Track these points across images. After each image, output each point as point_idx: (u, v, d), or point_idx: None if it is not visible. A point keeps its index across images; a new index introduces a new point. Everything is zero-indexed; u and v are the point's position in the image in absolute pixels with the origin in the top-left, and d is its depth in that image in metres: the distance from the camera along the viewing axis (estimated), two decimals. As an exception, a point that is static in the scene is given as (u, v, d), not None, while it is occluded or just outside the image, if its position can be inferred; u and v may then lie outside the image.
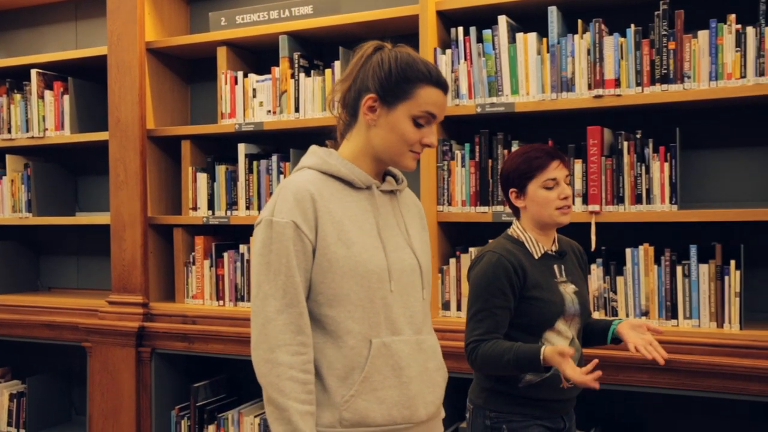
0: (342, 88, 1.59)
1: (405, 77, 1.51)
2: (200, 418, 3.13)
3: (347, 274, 1.49)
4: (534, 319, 1.92)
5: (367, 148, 1.56)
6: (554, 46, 2.57)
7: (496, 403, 1.96)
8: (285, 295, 1.46)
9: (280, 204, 1.50)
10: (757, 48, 2.32)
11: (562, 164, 1.98)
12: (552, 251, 2.00)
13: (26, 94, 3.60)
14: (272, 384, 1.44)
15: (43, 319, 3.36)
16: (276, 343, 1.44)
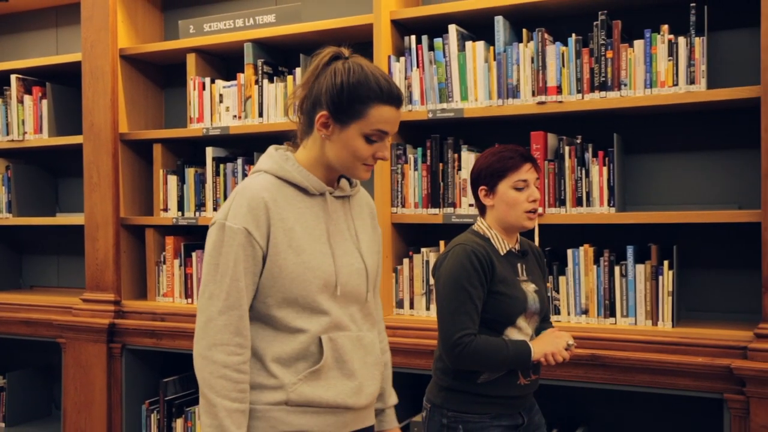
0: (300, 94, 1.62)
1: (357, 97, 1.54)
2: (169, 411, 3.24)
3: (296, 279, 1.55)
4: (498, 315, 1.93)
5: (321, 158, 1.60)
6: (500, 54, 2.67)
7: (453, 402, 1.97)
8: (228, 297, 1.52)
9: (234, 209, 1.54)
10: (688, 57, 2.42)
11: (533, 168, 1.99)
12: (515, 250, 2.03)
13: (6, 99, 3.72)
14: (205, 380, 1.51)
15: (21, 316, 3.49)
16: (214, 341, 1.51)
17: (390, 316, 2.79)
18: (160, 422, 3.26)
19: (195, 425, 3.19)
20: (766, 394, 2.16)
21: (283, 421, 1.56)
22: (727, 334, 2.32)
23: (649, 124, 2.67)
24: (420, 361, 2.65)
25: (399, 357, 2.62)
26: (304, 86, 1.61)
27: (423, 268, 2.80)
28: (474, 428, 1.94)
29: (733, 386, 2.22)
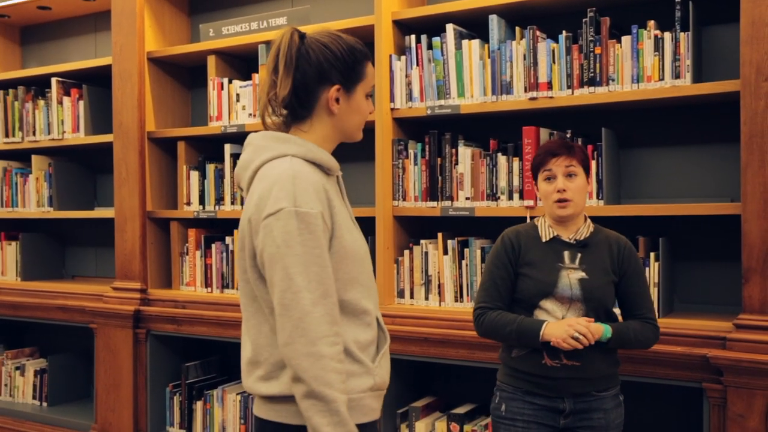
0: (288, 83, 1.53)
1: (355, 59, 1.57)
2: (190, 394, 3.44)
3: (356, 258, 1.55)
4: (522, 295, 2.09)
5: (331, 134, 1.59)
6: (495, 51, 2.75)
7: (499, 372, 2.18)
8: (319, 286, 1.44)
9: (302, 194, 1.46)
10: (673, 52, 2.45)
11: (564, 158, 2.08)
12: (570, 239, 2.11)
13: (48, 100, 3.99)
14: (319, 378, 1.41)
15: (58, 303, 3.75)
16: (316, 335, 1.42)
17: (391, 305, 2.91)
18: (182, 404, 3.46)
19: (213, 408, 3.38)
20: (742, 383, 2.19)
21: (371, 407, 1.57)
22: (708, 324, 2.35)
23: (639, 118, 2.71)
24: (417, 348, 2.76)
25: (398, 344, 2.74)
26: (285, 77, 1.53)
27: (422, 259, 2.90)
28: (506, 397, 2.11)
29: (711, 375, 2.26)
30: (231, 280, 3.37)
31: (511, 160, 2.73)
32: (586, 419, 2.05)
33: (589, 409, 2.05)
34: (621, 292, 2.13)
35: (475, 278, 2.79)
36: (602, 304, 2.07)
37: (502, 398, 2.12)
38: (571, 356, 2.02)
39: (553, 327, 1.99)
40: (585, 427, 2.05)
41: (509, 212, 2.71)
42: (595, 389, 2.06)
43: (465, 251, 2.82)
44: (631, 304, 2.13)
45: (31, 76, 4.06)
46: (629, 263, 2.13)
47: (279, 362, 1.52)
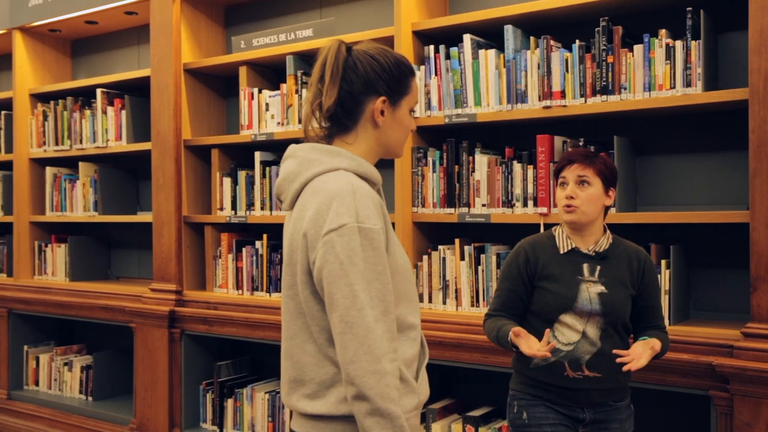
0: (334, 93, 1.53)
1: (402, 73, 1.57)
2: (221, 392, 3.58)
3: (406, 273, 1.56)
4: (541, 307, 2.08)
5: (375, 147, 1.59)
6: (510, 61, 2.80)
7: (515, 382, 2.17)
8: (381, 303, 1.44)
9: (363, 210, 1.46)
10: (684, 60, 2.46)
11: (578, 166, 2.08)
12: (588, 251, 2.09)
13: (93, 110, 4.19)
14: (384, 395, 1.41)
15: (101, 303, 3.94)
16: (380, 352, 1.42)
17: (410, 309, 2.97)
18: (214, 401, 3.60)
19: (243, 405, 3.51)
20: (749, 392, 2.19)
21: (415, 426, 1.56)
22: (716, 332, 2.35)
23: (651, 126, 2.71)
24: (433, 352, 2.82)
25: (414, 347, 2.80)
26: (331, 88, 1.53)
27: (440, 264, 2.96)
28: (526, 405, 2.11)
29: (718, 384, 2.26)
30: (261, 283, 3.50)
31: (526, 168, 2.77)
32: (604, 429, 2.07)
33: (606, 419, 2.07)
34: (638, 305, 2.12)
35: (491, 283, 2.84)
36: (620, 318, 2.07)
37: (522, 407, 2.11)
38: (593, 368, 2.03)
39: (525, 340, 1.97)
40: None
41: (524, 219, 2.75)
42: (612, 399, 2.08)
43: (481, 257, 2.87)
44: (648, 316, 2.13)
45: (79, 87, 4.28)
46: (649, 277, 2.12)
47: (325, 381, 1.50)
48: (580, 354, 2.02)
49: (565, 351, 2.03)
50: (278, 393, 3.43)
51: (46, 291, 4.27)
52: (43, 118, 4.44)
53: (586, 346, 2.03)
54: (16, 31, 4.49)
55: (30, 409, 4.31)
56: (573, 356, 2.02)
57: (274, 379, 3.61)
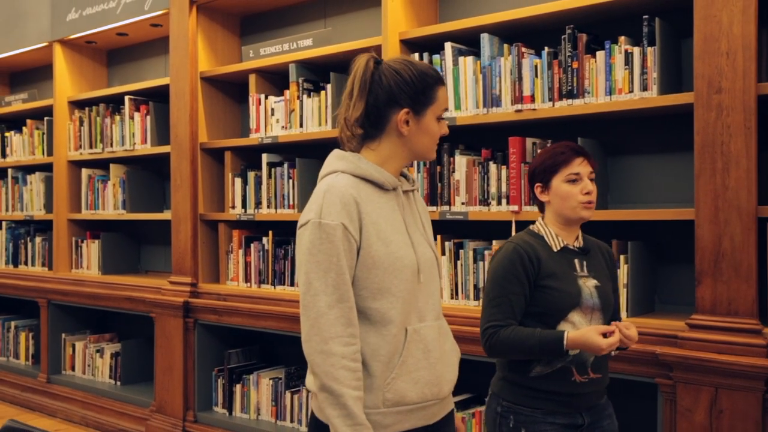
0: (360, 105, 1.67)
1: (426, 84, 1.66)
2: (231, 378, 3.84)
3: (388, 269, 1.62)
4: (547, 308, 1.94)
5: (397, 153, 1.69)
6: (486, 67, 2.96)
7: (508, 392, 2.00)
8: (335, 291, 1.57)
9: (327, 207, 1.60)
10: (641, 66, 2.59)
11: (586, 161, 2.01)
12: (574, 246, 2.03)
13: (122, 116, 4.52)
14: (328, 373, 1.55)
15: (125, 294, 4.26)
16: (329, 335, 1.56)
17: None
18: (224, 387, 3.86)
19: (250, 391, 3.76)
20: (690, 379, 2.31)
21: (382, 423, 1.62)
22: (666, 324, 2.48)
23: (613, 129, 2.84)
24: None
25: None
26: (359, 100, 1.67)
27: (424, 259, 3.14)
28: (525, 420, 1.96)
29: (663, 372, 2.39)
30: (267, 277, 3.74)
31: (500, 168, 2.93)
32: (599, 428, 2.01)
33: (599, 419, 2.02)
34: None
35: (469, 277, 3.01)
36: (612, 310, 2.05)
37: (520, 422, 1.96)
38: (597, 369, 1.98)
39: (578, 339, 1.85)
40: None
41: (498, 216, 2.91)
42: (601, 398, 2.04)
43: (460, 252, 3.04)
44: (617, 307, 2.12)
45: (110, 95, 4.61)
46: (614, 269, 2.13)
47: None
48: (585, 357, 1.95)
49: (572, 356, 1.92)
50: (281, 379, 3.67)
51: (81, 283, 4.62)
52: (80, 123, 4.80)
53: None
54: (56, 44, 4.87)
55: (66, 392, 4.67)
56: (579, 360, 1.94)
57: (281, 366, 3.85)
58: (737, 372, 2.22)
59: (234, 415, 3.83)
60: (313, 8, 3.93)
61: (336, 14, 3.83)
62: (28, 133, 5.25)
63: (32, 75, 5.70)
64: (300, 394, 3.59)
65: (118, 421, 4.30)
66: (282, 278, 3.69)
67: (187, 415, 3.92)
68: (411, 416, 1.65)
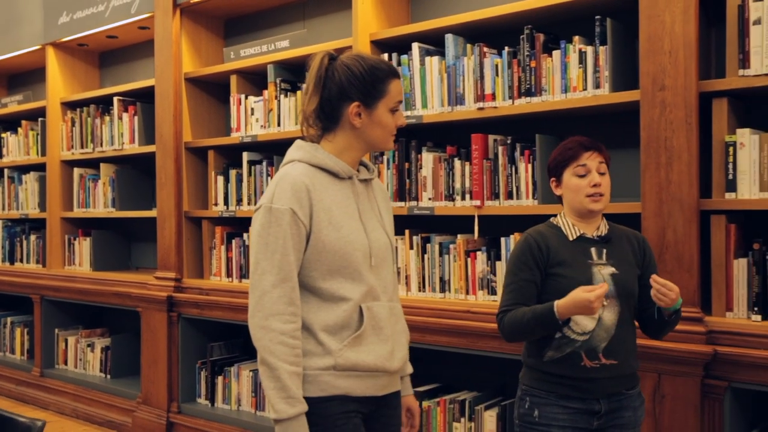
0: (315, 99, 1.78)
1: (377, 78, 1.75)
2: (213, 370, 3.95)
3: (339, 252, 1.73)
4: (557, 295, 1.94)
5: (353, 144, 1.79)
6: (450, 67, 3.06)
7: (527, 377, 2.07)
8: (280, 272, 1.69)
9: (278, 193, 1.71)
10: (594, 64, 2.68)
11: (595, 154, 2.03)
12: (593, 236, 2.05)
13: (112, 116, 4.64)
14: (266, 347, 1.66)
15: (113, 289, 4.38)
16: (270, 312, 1.67)
17: (368, 294, 3.27)
18: (207, 378, 3.98)
19: (231, 382, 3.87)
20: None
21: (332, 384, 1.73)
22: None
23: (570, 125, 2.93)
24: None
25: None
26: (314, 95, 1.78)
27: (393, 253, 3.24)
28: (539, 403, 2.01)
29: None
30: (247, 271, 3.85)
31: (464, 164, 3.02)
32: (618, 418, 2.00)
33: (620, 408, 2.00)
34: (641, 284, 2.07)
35: (435, 270, 3.11)
36: (633, 297, 2.05)
37: (534, 403, 2.02)
38: (609, 355, 1.98)
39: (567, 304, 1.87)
40: (615, 426, 2.01)
41: (462, 211, 3.01)
42: (625, 387, 2.02)
43: (427, 246, 3.14)
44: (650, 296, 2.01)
45: (100, 96, 4.74)
46: (650, 257, 2.12)
47: None
48: (596, 342, 1.96)
49: (581, 341, 1.95)
50: (260, 371, 3.78)
51: (72, 279, 4.74)
52: (72, 124, 4.93)
53: (602, 334, 1.97)
54: (48, 47, 5.00)
55: (58, 385, 4.79)
56: (589, 345, 1.96)
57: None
58: (679, 358, 2.30)
59: (216, 406, 3.95)
60: (292, 10, 4.03)
61: (314, 16, 3.93)
62: (23, 133, 5.39)
63: (28, 77, 5.84)
64: (278, 385, 3.69)
65: (106, 413, 4.42)
66: (261, 273, 3.79)
67: (171, 406, 4.03)
68: (362, 383, 1.76)
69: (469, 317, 2.88)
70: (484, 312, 2.84)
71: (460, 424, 2.97)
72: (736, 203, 2.37)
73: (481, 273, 2.99)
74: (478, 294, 2.98)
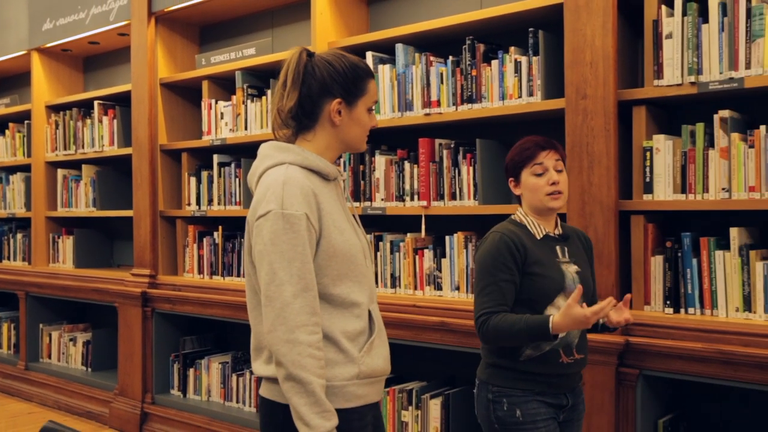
0: (294, 95, 1.70)
1: (358, 76, 1.71)
2: (185, 363, 4.13)
3: (345, 256, 1.67)
4: (535, 294, 1.99)
5: (331, 144, 1.74)
6: (400, 75, 3.24)
7: (498, 378, 2.05)
8: (300, 281, 1.59)
9: (289, 198, 1.61)
10: (528, 74, 2.85)
11: (552, 152, 2.07)
12: (554, 234, 2.10)
13: (93, 120, 4.83)
14: (295, 362, 1.56)
15: (92, 285, 4.57)
16: (295, 324, 1.58)
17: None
18: (179, 371, 4.16)
19: (202, 374, 4.06)
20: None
21: (356, 394, 1.68)
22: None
23: (507, 130, 3.10)
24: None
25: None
26: (292, 91, 1.70)
27: (349, 251, 3.42)
28: (518, 401, 2.02)
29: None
30: (218, 269, 4.04)
31: (413, 167, 3.20)
32: (575, 410, 2.09)
33: (577, 401, 2.10)
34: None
35: (386, 267, 3.28)
36: (593, 294, 2.10)
37: (513, 404, 2.02)
38: (580, 350, 2.05)
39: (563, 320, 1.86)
40: (574, 419, 2.10)
41: (411, 211, 3.18)
42: (581, 380, 2.12)
43: (380, 244, 3.32)
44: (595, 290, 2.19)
45: (82, 100, 4.92)
46: (592, 254, 2.20)
47: None
48: (571, 339, 2.02)
49: (559, 338, 1.96)
50: (228, 363, 3.96)
51: (55, 276, 4.94)
52: (55, 126, 5.12)
53: (575, 330, 2.02)
54: (33, 52, 5.19)
55: (42, 378, 4.99)
56: (566, 341, 2.01)
57: (231, 351, 4.14)
58: (596, 348, 2.47)
59: (188, 397, 4.13)
60: (261, 19, 4.21)
61: (281, 24, 4.11)
62: (10, 135, 5.58)
63: (15, 81, 6.03)
64: (244, 377, 3.88)
65: (86, 404, 4.61)
66: (230, 269, 3.98)
67: (145, 397, 4.22)
68: (375, 388, 1.74)
69: (414, 311, 3.06)
70: (429, 306, 3.02)
71: (408, 412, 3.15)
72: (652, 204, 2.55)
73: (428, 270, 3.17)
74: (426, 290, 3.15)
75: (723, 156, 2.41)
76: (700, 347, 2.32)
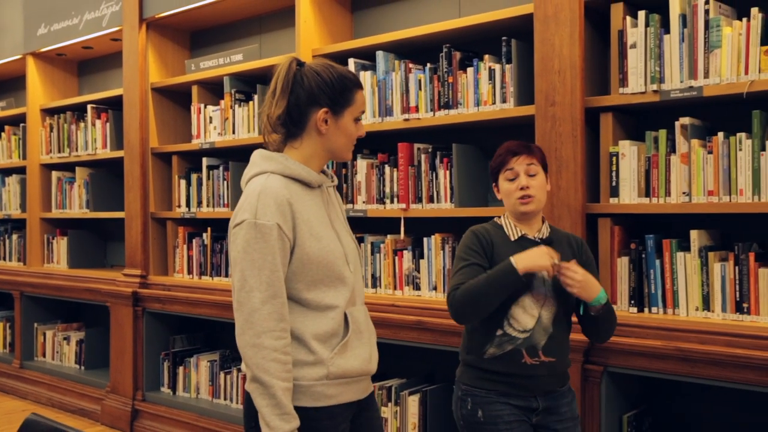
0: (282, 103, 1.75)
1: (345, 87, 1.76)
2: (174, 361, 4.23)
3: (322, 262, 1.73)
4: None
5: (318, 152, 1.78)
6: (381, 81, 3.34)
7: (465, 376, 2.11)
8: (269, 288, 1.66)
9: (262, 208, 1.67)
10: (501, 81, 2.95)
11: (524, 157, 2.10)
12: (535, 237, 2.12)
13: (86, 123, 4.93)
14: (258, 365, 1.64)
15: (85, 285, 4.67)
16: (261, 329, 1.65)
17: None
18: (169, 369, 4.26)
19: (191, 372, 4.15)
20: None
21: (324, 393, 1.74)
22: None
23: (481, 135, 3.20)
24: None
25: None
26: (281, 99, 1.76)
27: (332, 252, 3.52)
28: (480, 402, 2.06)
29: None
30: (206, 269, 4.14)
31: (393, 171, 3.30)
32: (556, 414, 2.09)
33: (557, 405, 2.09)
34: None
35: (368, 267, 3.38)
36: (571, 299, 2.10)
37: (476, 404, 2.06)
38: (549, 353, 2.05)
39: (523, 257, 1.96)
40: (557, 422, 2.09)
41: (391, 213, 3.28)
42: (559, 385, 2.11)
43: (361, 245, 3.41)
44: None
45: (76, 103, 5.03)
46: (587, 259, 2.17)
47: None
48: (536, 340, 2.04)
49: (522, 338, 2.02)
50: (216, 362, 4.06)
51: (49, 276, 5.04)
52: (50, 129, 5.22)
53: (541, 332, 2.04)
54: (28, 56, 5.29)
55: (36, 376, 5.09)
56: (530, 343, 2.04)
57: (219, 350, 4.23)
58: (563, 346, 2.57)
59: (177, 394, 4.23)
60: (250, 25, 4.31)
61: (269, 30, 4.21)
62: (6, 138, 5.69)
63: (11, 84, 6.14)
64: (231, 374, 3.98)
65: (79, 402, 4.71)
66: (219, 270, 4.08)
67: (136, 394, 4.32)
68: (350, 388, 1.79)
69: (394, 310, 3.16)
70: (407, 306, 3.12)
71: (387, 408, 3.25)
72: (618, 207, 2.64)
73: (407, 270, 3.26)
74: (405, 289, 3.25)
75: (684, 161, 2.51)
76: (661, 345, 2.41)
